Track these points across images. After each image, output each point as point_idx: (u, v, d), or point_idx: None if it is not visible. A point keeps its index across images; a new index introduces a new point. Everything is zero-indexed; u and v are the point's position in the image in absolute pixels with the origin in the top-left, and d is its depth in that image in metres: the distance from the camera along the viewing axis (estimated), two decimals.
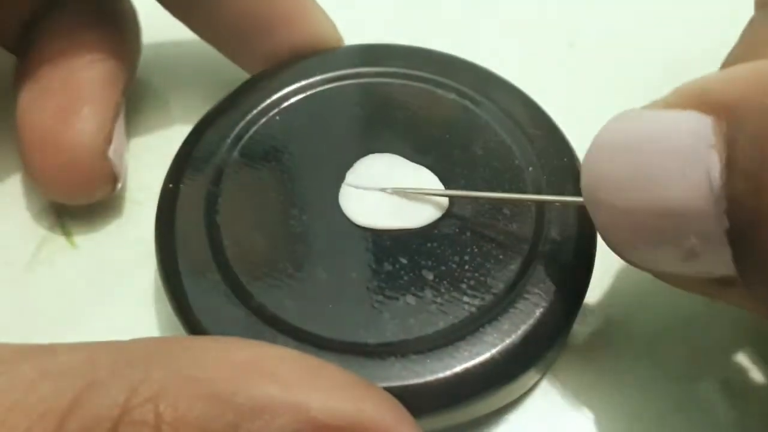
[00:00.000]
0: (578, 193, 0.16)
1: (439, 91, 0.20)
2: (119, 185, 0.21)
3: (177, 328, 0.19)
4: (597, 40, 0.25)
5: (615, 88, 0.24)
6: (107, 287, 0.20)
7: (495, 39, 0.25)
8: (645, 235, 0.14)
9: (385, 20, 0.26)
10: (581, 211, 0.17)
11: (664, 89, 0.24)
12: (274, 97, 0.20)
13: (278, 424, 0.11)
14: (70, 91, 0.20)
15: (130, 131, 0.23)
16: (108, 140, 0.20)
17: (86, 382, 0.11)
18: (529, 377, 0.17)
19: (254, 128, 0.20)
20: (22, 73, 0.21)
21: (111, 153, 0.20)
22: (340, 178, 0.19)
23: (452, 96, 0.20)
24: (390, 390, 0.14)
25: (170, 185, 0.18)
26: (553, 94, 0.20)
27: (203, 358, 0.12)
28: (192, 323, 0.16)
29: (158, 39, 0.24)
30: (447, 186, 0.18)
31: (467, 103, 0.20)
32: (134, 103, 0.23)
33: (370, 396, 0.13)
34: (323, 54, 0.21)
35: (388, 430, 0.12)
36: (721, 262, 0.13)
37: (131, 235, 0.21)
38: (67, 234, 0.21)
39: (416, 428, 0.13)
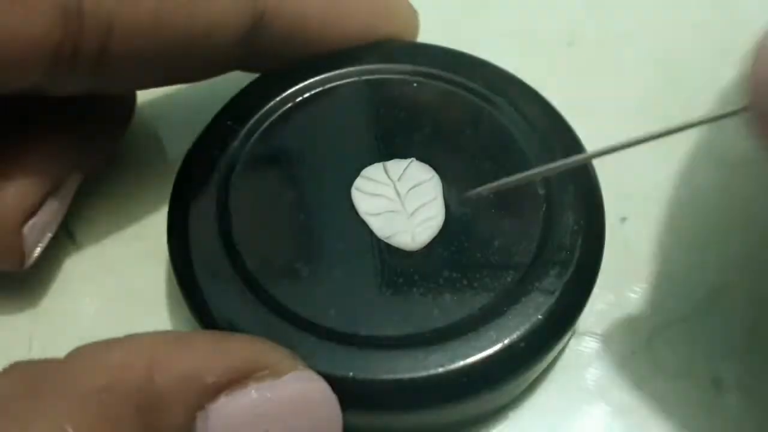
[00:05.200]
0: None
1: (459, 92, 0.20)
2: (29, 262, 0.19)
3: (180, 327, 0.19)
4: (597, 40, 0.26)
5: (615, 88, 0.24)
6: (110, 286, 0.20)
7: (495, 39, 0.25)
8: None
9: None
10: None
11: (663, 89, 0.24)
12: (288, 92, 0.20)
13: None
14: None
15: (138, 126, 0.22)
16: (27, 213, 0.18)
17: None
18: (534, 372, 0.17)
19: (266, 125, 0.19)
20: None
21: (27, 227, 0.18)
22: (354, 175, 0.18)
23: (472, 97, 0.20)
24: (411, 381, 0.15)
25: (181, 185, 0.18)
26: (552, 94, 0.20)
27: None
28: (209, 324, 0.16)
29: None
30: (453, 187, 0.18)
31: (486, 105, 0.20)
32: (144, 97, 0.23)
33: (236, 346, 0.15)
34: (338, 51, 0.20)
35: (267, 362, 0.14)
36: None
37: (135, 234, 0.21)
38: (69, 233, 0.21)
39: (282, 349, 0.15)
